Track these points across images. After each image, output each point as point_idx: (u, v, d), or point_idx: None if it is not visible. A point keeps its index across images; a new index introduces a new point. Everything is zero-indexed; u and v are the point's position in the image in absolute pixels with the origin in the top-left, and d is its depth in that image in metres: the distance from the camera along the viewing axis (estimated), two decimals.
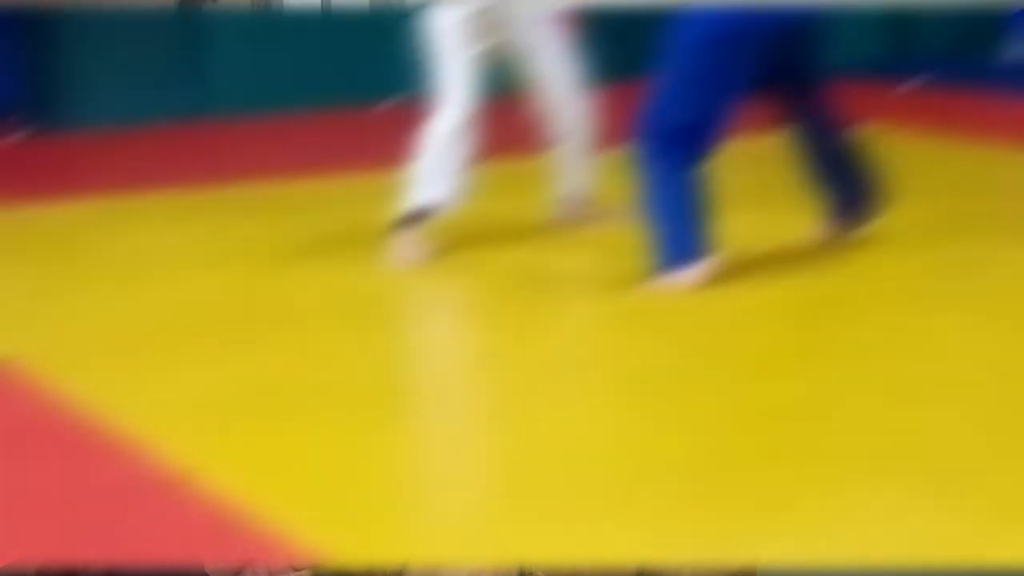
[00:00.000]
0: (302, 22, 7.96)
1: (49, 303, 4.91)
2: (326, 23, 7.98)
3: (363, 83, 8.09)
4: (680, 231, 4.81)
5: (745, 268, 4.95)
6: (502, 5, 5.25)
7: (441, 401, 4.01)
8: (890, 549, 3.00)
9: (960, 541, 3.04)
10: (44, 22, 7.59)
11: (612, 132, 5.33)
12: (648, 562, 2.92)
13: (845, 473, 3.41)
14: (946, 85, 8.34)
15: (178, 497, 3.33)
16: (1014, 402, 3.82)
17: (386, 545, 3.08)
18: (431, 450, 3.68)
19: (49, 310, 4.83)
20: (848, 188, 5.17)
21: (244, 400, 3.93)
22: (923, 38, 9.08)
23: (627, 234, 5.00)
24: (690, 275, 4.78)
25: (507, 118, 5.43)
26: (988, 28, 9.06)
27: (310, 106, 7.95)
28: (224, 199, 6.27)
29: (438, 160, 5.21)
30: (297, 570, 2.81)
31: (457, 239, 5.30)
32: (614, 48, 5.36)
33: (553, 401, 3.96)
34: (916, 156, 6.79)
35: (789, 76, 5.01)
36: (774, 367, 4.14)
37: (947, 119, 7.54)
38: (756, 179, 5.44)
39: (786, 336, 4.43)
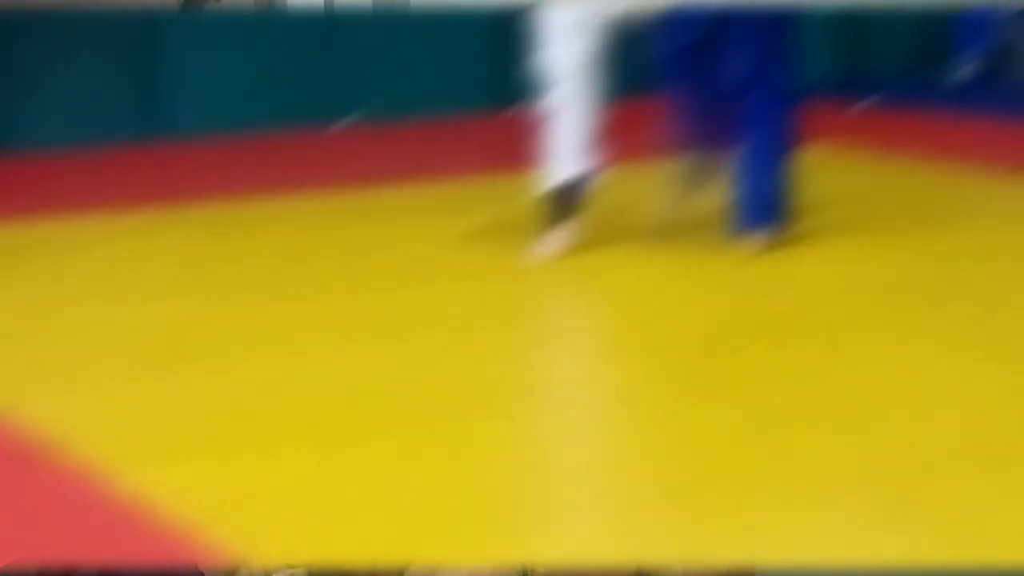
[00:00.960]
0: (258, 42, 7.94)
1: (7, 325, 4.83)
2: (283, 42, 7.97)
3: (319, 103, 8.06)
4: None
5: (709, 287, 5.00)
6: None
7: (434, 408, 3.98)
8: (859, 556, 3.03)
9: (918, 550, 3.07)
10: None
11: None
12: (647, 562, 2.92)
13: (817, 487, 3.41)
14: (898, 105, 8.40)
15: (138, 515, 3.29)
16: (971, 419, 3.84)
17: (387, 546, 3.07)
18: (426, 454, 3.66)
19: (8, 332, 4.75)
20: (770, 202, 5.26)
21: (207, 422, 3.89)
22: (874, 58, 9.14)
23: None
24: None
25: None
26: (938, 47, 9.14)
27: (267, 126, 7.91)
28: (182, 220, 6.20)
29: (572, 144, 5.33)
30: (292, 568, 2.78)
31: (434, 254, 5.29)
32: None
33: (546, 407, 3.99)
34: (868, 176, 6.84)
35: (748, 85, 5.19)
36: (741, 385, 4.13)
37: (899, 139, 7.59)
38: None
39: (753, 354, 4.42)
